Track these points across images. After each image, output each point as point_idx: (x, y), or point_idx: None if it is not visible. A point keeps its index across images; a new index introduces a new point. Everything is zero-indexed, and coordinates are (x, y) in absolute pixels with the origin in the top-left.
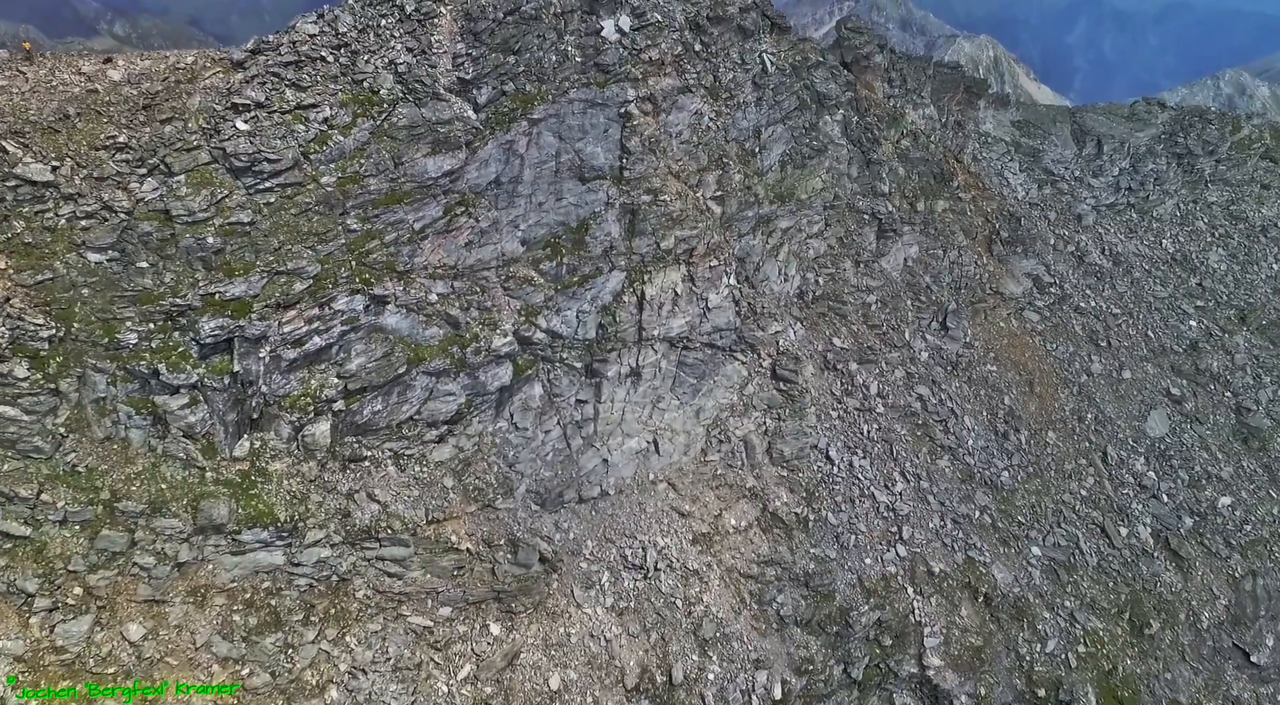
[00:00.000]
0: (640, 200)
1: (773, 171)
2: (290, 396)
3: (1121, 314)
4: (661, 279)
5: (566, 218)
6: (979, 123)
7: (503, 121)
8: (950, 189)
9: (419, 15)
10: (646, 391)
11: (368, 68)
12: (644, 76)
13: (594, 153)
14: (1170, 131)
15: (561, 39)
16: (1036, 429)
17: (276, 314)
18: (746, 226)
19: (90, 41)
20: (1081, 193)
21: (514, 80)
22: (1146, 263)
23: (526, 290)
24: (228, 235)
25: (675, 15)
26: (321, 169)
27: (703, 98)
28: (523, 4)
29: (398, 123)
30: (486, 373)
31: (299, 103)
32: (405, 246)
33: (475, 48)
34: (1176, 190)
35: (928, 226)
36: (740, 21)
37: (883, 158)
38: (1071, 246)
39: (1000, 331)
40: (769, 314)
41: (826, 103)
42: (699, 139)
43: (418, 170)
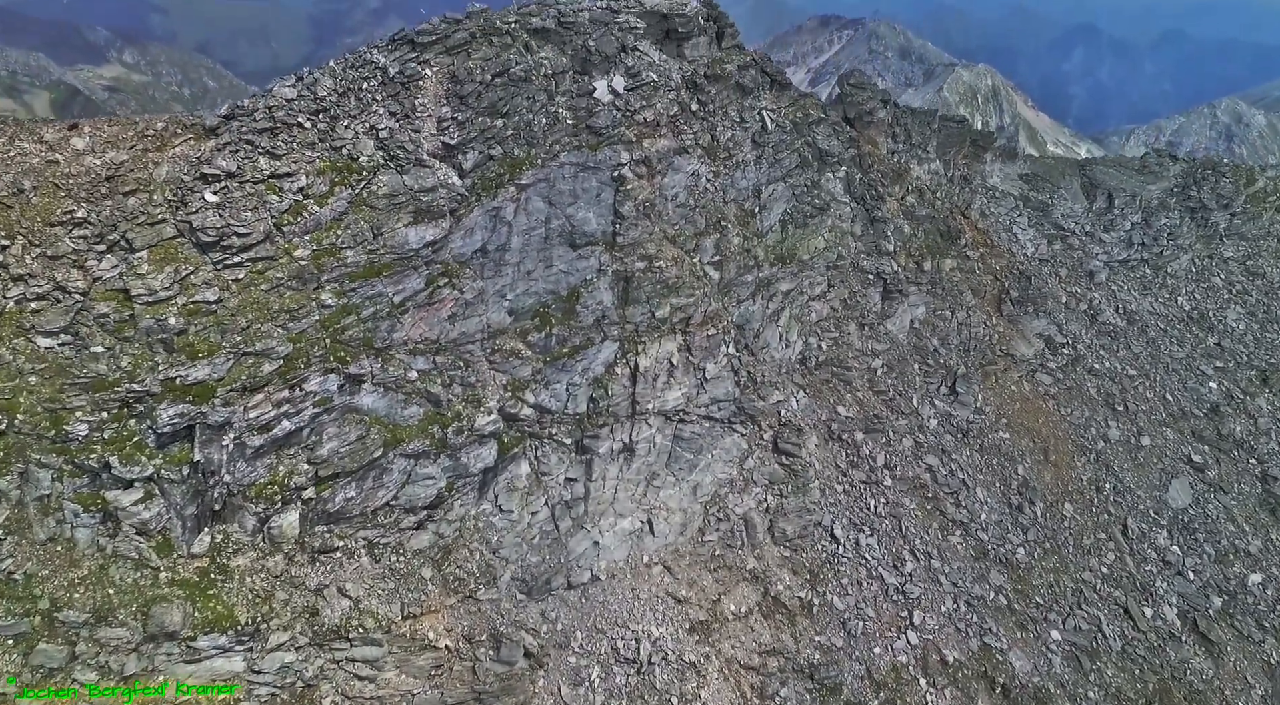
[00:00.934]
0: (634, 267)
1: (773, 232)
2: (256, 486)
3: (1138, 376)
4: (656, 349)
5: (556, 286)
6: (986, 176)
7: (489, 187)
8: (957, 246)
9: (403, 78)
10: (640, 468)
11: (347, 133)
12: (638, 138)
13: (586, 218)
14: (1183, 184)
15: (552, 101)
16: (1053, 501)
17: (242, 398)
18: (746, 291)
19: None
20: (1093, 248)
21: (501, 144)
22: (1162, 321)
23: (513, 364)
24: (191, 315)
25: (671, 75)
26: (295, 241)
27: (700, 158)
28: (511, 66)
29: (378, 191)
30: (469, 453)
31: (273, 171)
32: (384, 321)
33: (461, 111)
34: (1191, 245)
35: (935, 286)
36: (739, 79)
37: (887, 215)
38: (1084, 304)
39: (1012, 396)
40: (770, 383)
41: (829, 160)
42: (696, 201)
43: (398, 240)
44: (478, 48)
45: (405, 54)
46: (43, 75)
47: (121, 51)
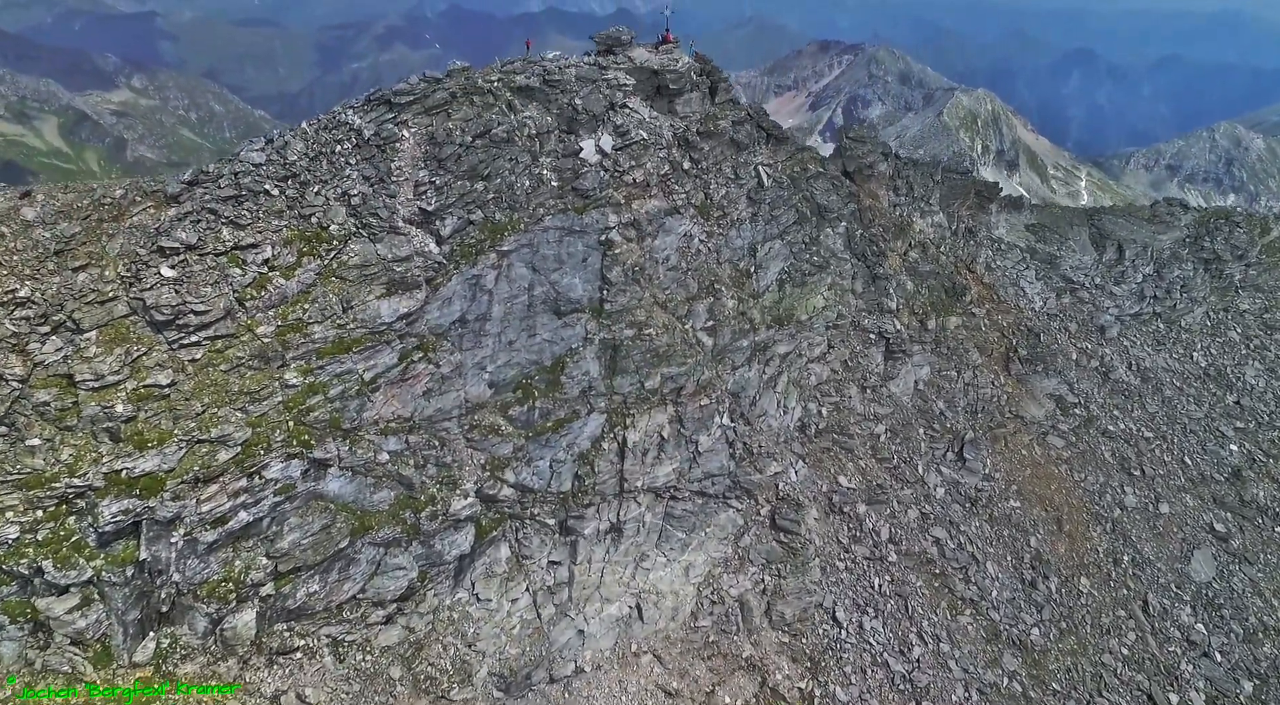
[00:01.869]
0: (622, 335)
1: (770, 292)
2: (209, 584)
3: (1154, 438)
4: (646, 422)
5: (540, 356)
6: (991, 228)
7: (469, 254)
8: (963, 303)
9: (379, 140)
10: (629, 549)
11: (317, 200)
12: (627, 200)
13: (571, 284)
14: (1195, 234)
15: (536, 162)
16: (1068, 575)
17: (195, 490)
18: (741, 357)
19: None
20: (1103, 302)
21: (482, 208)
22: (1178, 379)
23: (492, 441)
24: (141, 400)
25: (662, 132)
26: (258, 317)
27: (692, 218)
28: (493, 126)
29: (349, 261)
30: (444, 539)
31: (236, 242)
32: (353, 400)
33: (439, 175)
34: (1205, 298)
35: (939, 345)
36: (733, 135)
37: (889, 271)
38: (1095, 362)
39: (1022, 461)
40: (767, 453)
41: (828, 215)
42: (688, 264)
43: (370, 314)
44: (458, 108)
45: (381, 115)
46: (52, 101)
47: (130, 77)
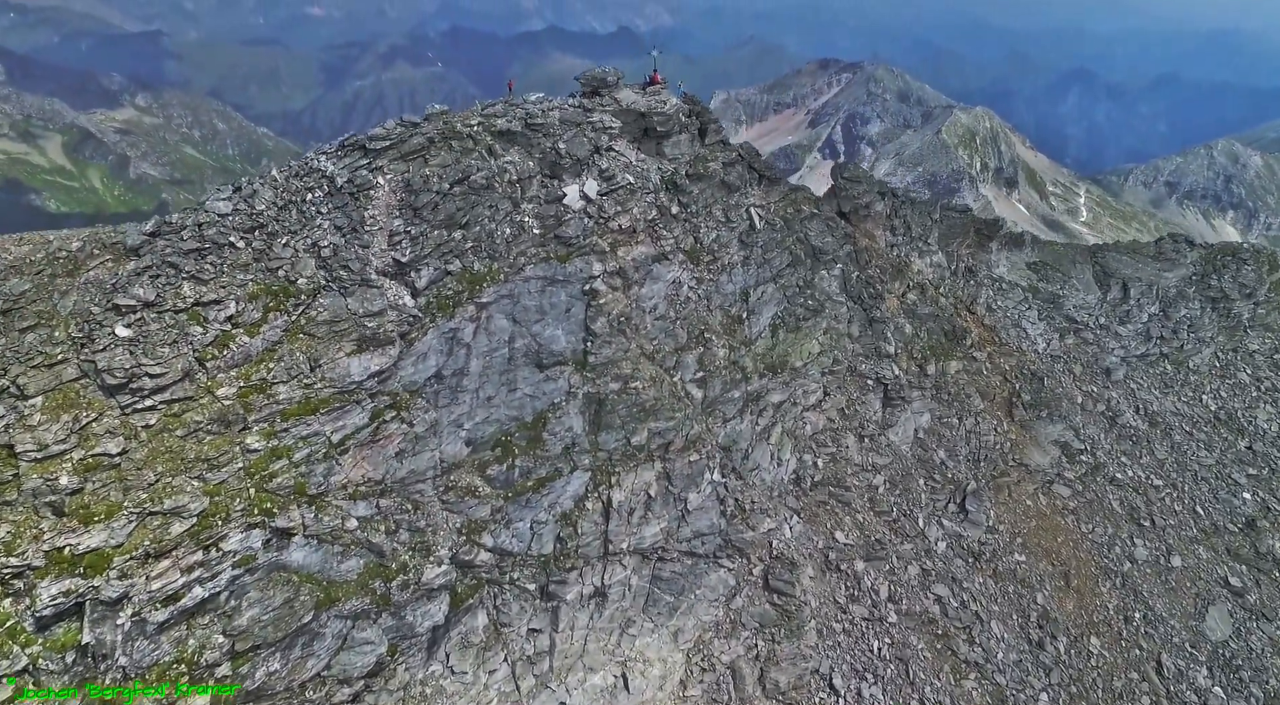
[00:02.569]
0: (608, 389)
1: (763, 338)
2: (158, 666)
3: (1164, 486)
4: (632, 480)
5: (520, 412)
6: (992, 266)
7: (446, 306)
8: (963, 347)
9: (352, 188)
10: (614, 614)
11: (285, 253)
12: (612, 247)
13: (553, 336)
14: (1202, 272)
15: (517, 209)
16: (1077, 635)
17: (144, 567)
18: (733, 409)
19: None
20: (1109, 342)
21: (460, 258)
22: (1187, 423)
23: (469, 503)
24: (89, 471)
25: (649, 176)
26: (219, 378)
27: (681, 264)
28: (473, 172)
29: (317, 317)
30: (416, 610)
31: (198, 298)
32: (319, 464)
33: (415, 224)
34: (1213, 338)
35: (940, 391)
36: (724, 177)
37: (887, 315)
38: (1101, 406)
39: (1027, 512)
40: (760, 509)
41: (822, 257)
42: (677, 313)
43: (339, 372)
44: (436, 153)
45: (356, 161)
46: (56, 119)
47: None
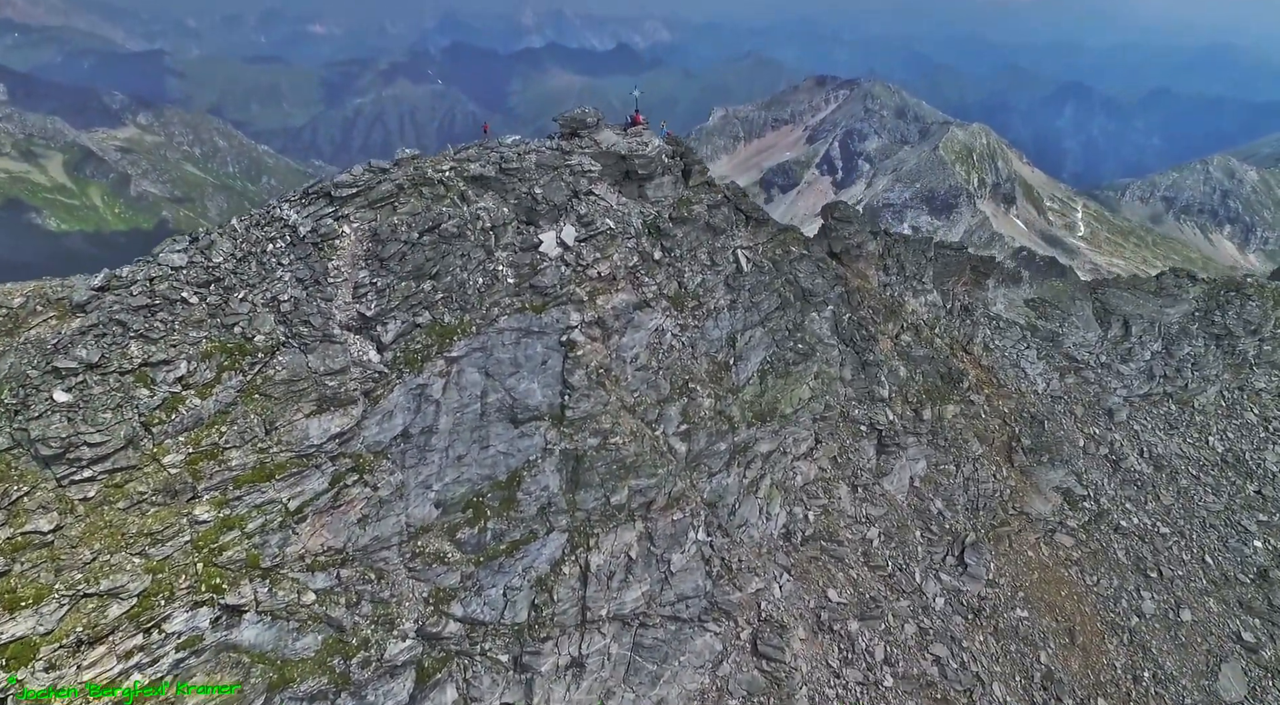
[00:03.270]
0: (586, 445)
1: (751, 385)
2: None
3: (1171, 533)
4: (612, 542)
5: (493, 470)
6: (989, 304)
7: (414, 361)
8: (960, 390)
9: (315, 238)
10: (592, 685)
11: (243, 308)
12: (591, 296)
13: (529, 390)
14: (1205, 308)
15: (491, 257)
16: (1083, 696)
17: (76, 655)
18: (718, 462)
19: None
20: (1110, 382)
21: (430, 309)
22: (1194, 466)
23: (438, 570)
24: (17, 551)
25: (631, 220)
26: (166, 444)
27: (664, 310)
28: (444, 220)
29: (275, 376)
30: (378, 689)
31: (146, 359)
32: (274, 534)
33: (381, 275)
34: (1218, 376)
35: (936, 436)
36: (709, 219)
37: (880, 357)
38: (1104, 449)
39: (1029, 563)
40: (748, 568)
41: (812, 299)
42: (659, 362)
43: (297, 435)
44: (405, 200)
45: (320, 209)
46: (57, 138)
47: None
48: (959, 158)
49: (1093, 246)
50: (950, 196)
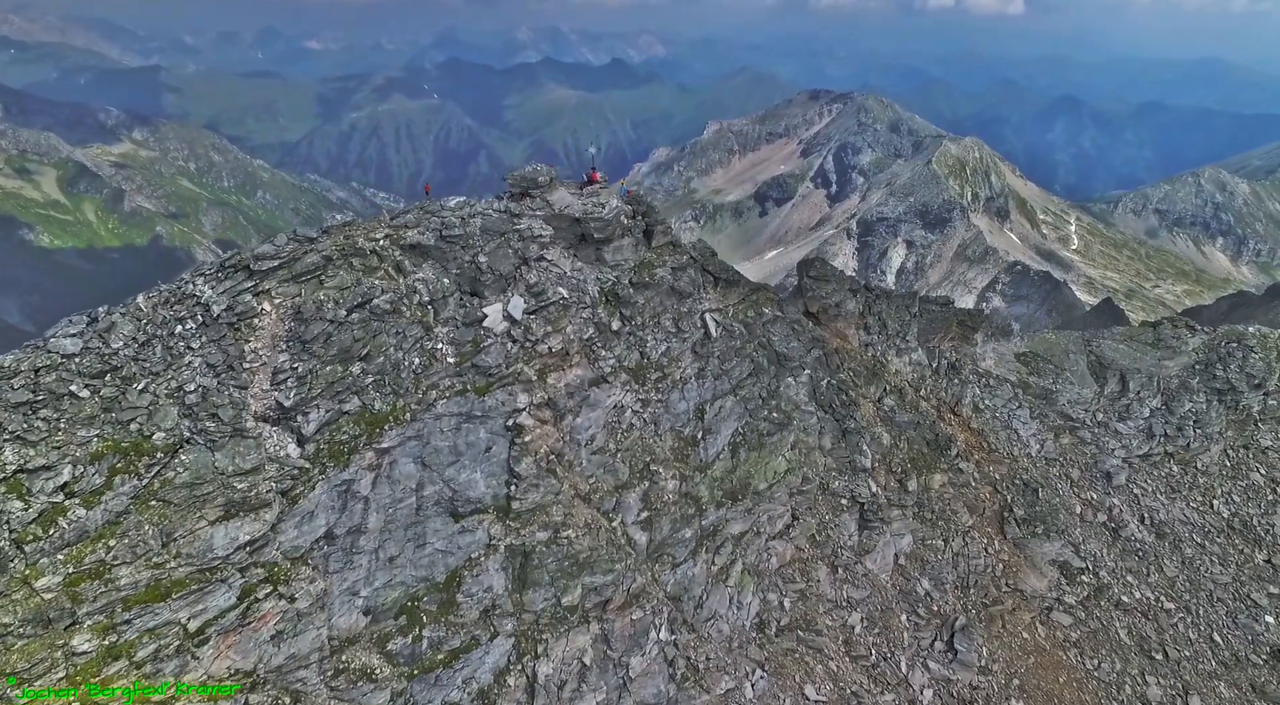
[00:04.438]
0: (534, 539)
1: (721, 460)
2: None
3: (1176, 609)
4: (563, 647)
5: (430, 571)
6: (978, 361)
7: (339, 454)
8: (948, 457)
9: (231, 317)
10: None
11: (142, 401)
12: (541, 374)
13: (470, 481)
14: (1205, 361)
15: (429, 335)
16: None
17: None
18: (684, 551)
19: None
20: (1108, 442)
21: (360, 395)
22: (1198, 534)
23: (364, 689)
24: None
25: (587, 288)
26: (42, 564)
27: (624, 385)
28: (376, 294)
29: (176, 479)
30: None
31: (22, 465)
32: (170, 661)
33: (304, 359)
34: (1221, 433)
35: (922, 509)
36: (674, 283)
37: (862, 424)
38: (1103, 515)
39: (1024, 646)
40: (717, 667)
41: (788, 364)
42: (618, 444)
43: (199, 546)
44: (334, 273)
45: (238, 284)
46: (51, 153)
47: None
48: (952, 171)
49: (1086, 260)
50: (944, 211)
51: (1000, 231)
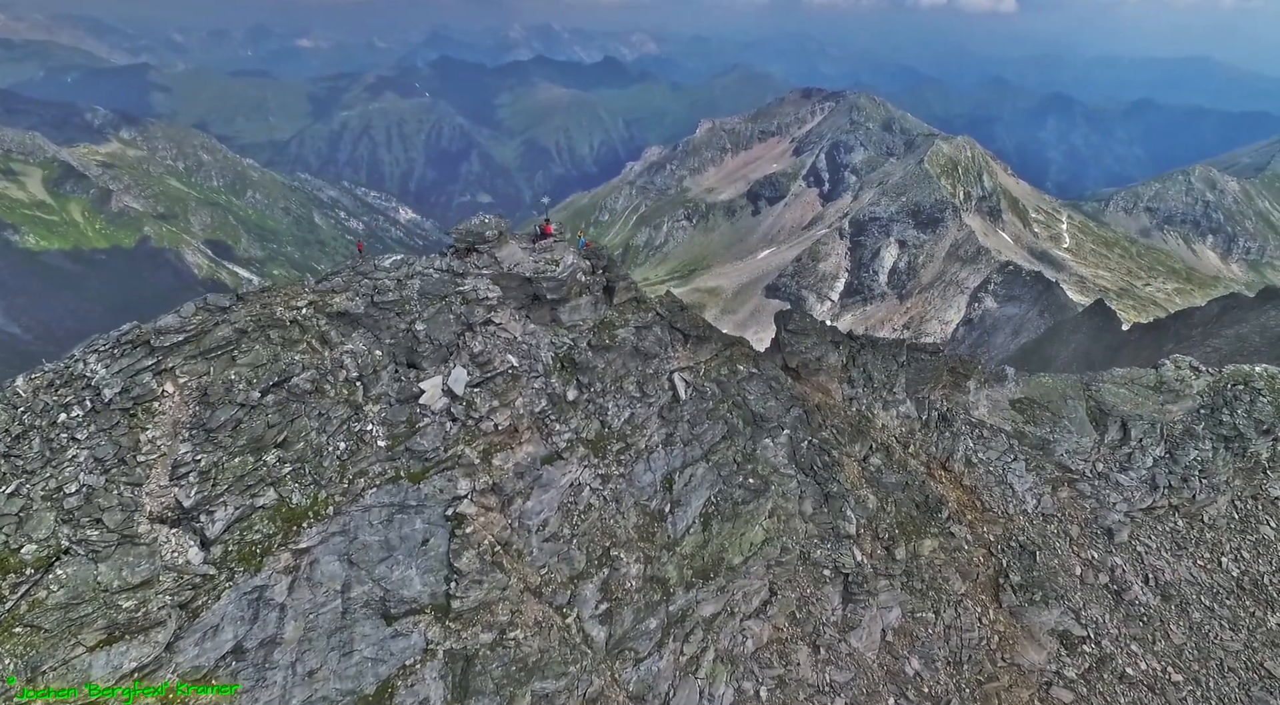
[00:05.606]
0: (477, 642)
1: (692, 535)
2: None
3: (1185, 681)
4: None
5: (358, 682)
6: (970, 409)
7: (250, 557)
8: (939, 520)
9: (125, 401)
10: None
11: (12, 506)
12: (485, 455)
13: (404, 579)
14: (1211, 405)
15: (358, 415)
16: None
17: None
18: (648, 644)
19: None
20: (1109, 495)
21: (276, 487)
22: (1206, 595)
23: None
24: None
25: (539, 354)
26: None
27: (581, 460)
28: (295, 372)
29: (49, 599)
30: None
31: None
32: None
33: (209, 449)
34: (1228, 483)
35: (912, 578)
36: (638, 343)
37: (846, 487)
38: (1104, 577)
39: None
40: None
41: (765, 424)
42: (574, 528)
43: (76, 674)
44: (248, 348)
45: (135, 362)
46: (37, 153)
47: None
48: (944, 171)
49: (1078, 259)
50: (936, 210)
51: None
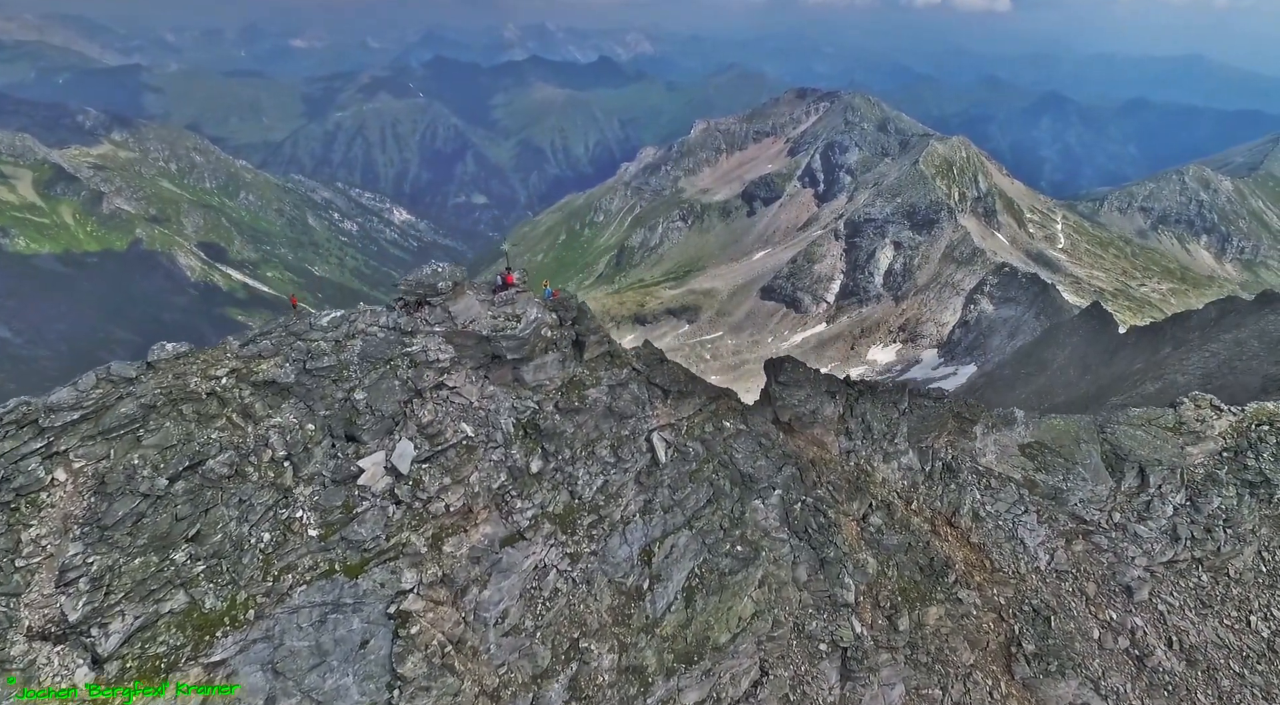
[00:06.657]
0: None
1: (673, 614)
2: None
3: None
4: None
5: None
6: (977, 456)
7: (152, 674)
8: (945, 585)
9: (6, 494)
10: None
11: None
12: (435, 541)
13: (340, 689)
14: (1234, 447)
15: (286, 500)
16: None
17: None
18: None
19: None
20: (1127, 548)
21: (186, 589)
22: (1235, 660)
23: None
24: None
25: (498, 421)
26: None
27: (547, 539)
28: (210, 455)
29: None
30: None
31: None
32: None
33: (103, 549)
34: (1255, 532)
35: (916, 650)
36: (612, 403)
37: (844, 550)
38: (1125, 640)
39: None
40: None
41: (755, 485)
42: (538, 619)
43: None
44: (155, 426)
45: (19, 446)
46: (27, 155)
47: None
48: (939, 171)
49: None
50: (931, 211)
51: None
